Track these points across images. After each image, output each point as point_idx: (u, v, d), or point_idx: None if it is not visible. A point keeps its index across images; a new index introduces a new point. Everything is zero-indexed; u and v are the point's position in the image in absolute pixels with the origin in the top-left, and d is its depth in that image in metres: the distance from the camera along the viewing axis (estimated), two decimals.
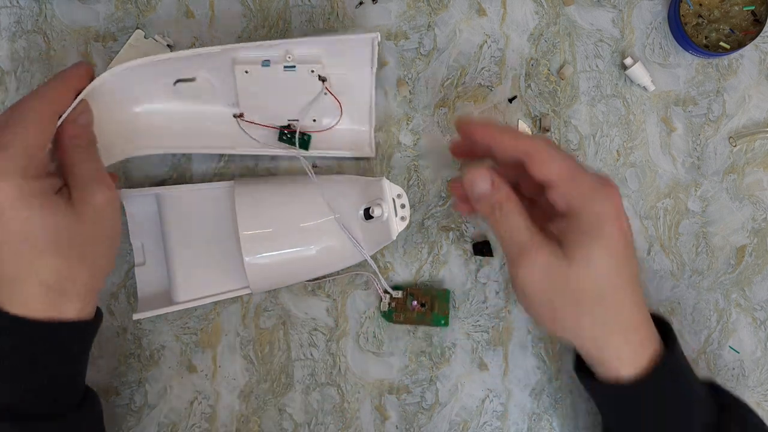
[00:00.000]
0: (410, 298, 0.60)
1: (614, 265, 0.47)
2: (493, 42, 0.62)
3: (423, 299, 0.60)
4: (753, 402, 0.62)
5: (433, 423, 0.61)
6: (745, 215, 0.62)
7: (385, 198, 0.55)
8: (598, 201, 0.47)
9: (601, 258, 0.46)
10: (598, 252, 0.46)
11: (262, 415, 0.61)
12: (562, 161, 0.47)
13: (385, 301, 0.60)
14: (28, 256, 0.45)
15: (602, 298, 0.47)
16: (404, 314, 0.60)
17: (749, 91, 0.62)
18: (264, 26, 0.61)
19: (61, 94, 0.49)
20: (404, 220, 0.56)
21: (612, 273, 0.47)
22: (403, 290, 0.60)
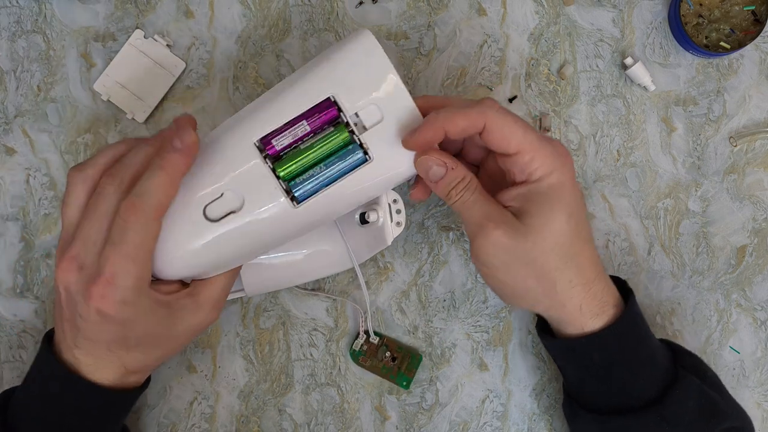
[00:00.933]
0: (384, 348, 0.60)
1: (574, 227, 0.48)
2: (494, 42, 0.62)
3: (396, 353, 0.60)
4: (753, 402, 0.62)
5: (433, 423, 0.61)
6: (745, 215, 0.62)
7: (380, 203, 0.55)
8: (557, 171, 0.48)
9: (561, 223, 0.48)
10: (559, 218, 0.48)
11: (262, 415, 0.61)
12: (519, 132, 0.47)
13: (360, 340, 0.60)
14: (122, 350, 0.49)
15: (565, 260, 0.49)
16: (371, 361, 0.60)
17: (749, 91, 0.62)
18: (264, 26, 0.61)
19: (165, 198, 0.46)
20: (399, 226, 0.56)
21: (573, 235, 0.48)
22: (381, 338, 0.60)
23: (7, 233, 0.61)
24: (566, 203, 0.48)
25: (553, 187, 0.48)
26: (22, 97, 0.61)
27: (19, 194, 0.61)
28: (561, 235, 0.48)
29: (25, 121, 0.61)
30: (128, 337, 0.48)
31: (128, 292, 0.46)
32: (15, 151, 0.61)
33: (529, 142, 0.47)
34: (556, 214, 0.48)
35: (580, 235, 0.49)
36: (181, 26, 0.61)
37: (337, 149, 0.49)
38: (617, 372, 0.51)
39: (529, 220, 0.48)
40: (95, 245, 0.46)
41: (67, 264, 0.46)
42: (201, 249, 0.49)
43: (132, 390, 0.52)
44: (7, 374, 0.60)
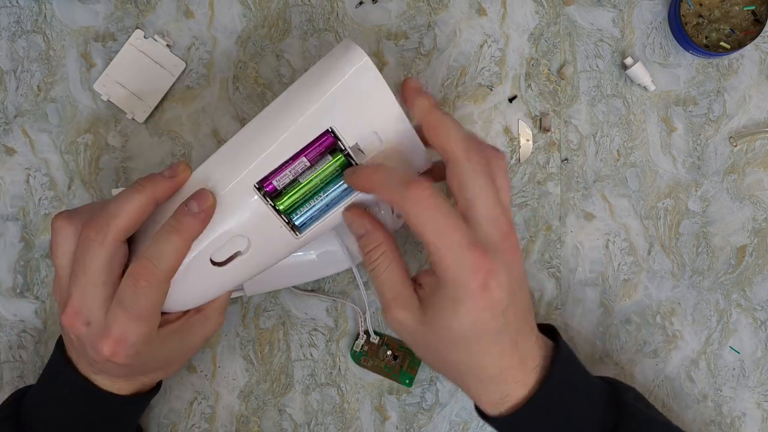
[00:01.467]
0: (385, 347, 0.60)
1: (476, 329, 0.45)
2: (494, 42, 0.62)
3: (397, 352, 0.60)
4: (753, 402, 0.62)
5: (433, 423, 0.61)
6: (745, 215, 0.62)
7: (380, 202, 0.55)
8: (462, 273, 0.43)
9: (460, 328, 0.45)
10: (456, 323, 0.44)
11: (262, 415, 0.61)
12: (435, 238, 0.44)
13: (360, 341, 0.60)
14: (140, 374, 0.52)
15: (466, 354, 0.46)
16: (373, 361, 0.60)
17: (749, 91, 0.62)
18: (264, 26, 0.61)
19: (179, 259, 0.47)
20: (400, 218, 0.56)
21: (474, 337, 0.45)
22: (381, 337, 0.60)
23: (7, 233, 0.60)
24: (468, 310, 0.44)
25: (451, 291, 0.44)
26: (22, 97, 0.61)
27: (19, 194, 0.61)
28: (458, 338, 0.45)
29: (25, 121, 0.61)
30: (145, 368, 0.51)
31: (138, 346, 0.47)
32: (15, 151, 0.61)
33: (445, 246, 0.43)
34: (454, 320, 0.44)
35: (482, 337, 0.45)
36: (181, 26, 0.61)
37: (335, 175, 0.48)
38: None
39: (431, 313, 0.45)
40: (97, 301, 0.47)
41: (72, 319, 0.47)
42: (208, 289, 0.51)
43: (147, 393, 0.54)
44: (7, 374, 0.60)
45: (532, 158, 0.62)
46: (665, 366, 0.62)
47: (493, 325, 0.45)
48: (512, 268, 0.45)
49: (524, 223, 0.62)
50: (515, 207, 0.62)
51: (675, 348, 0.62)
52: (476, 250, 0.43)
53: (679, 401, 0.62)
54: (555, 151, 0.62)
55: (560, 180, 0.62)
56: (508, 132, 0.62)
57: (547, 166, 0.62)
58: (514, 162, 0.62)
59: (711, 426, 0.62)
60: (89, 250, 0.46)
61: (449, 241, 0.43)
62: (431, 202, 0.43)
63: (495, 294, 0.44)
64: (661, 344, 0.62)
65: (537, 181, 0.62)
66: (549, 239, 0.62)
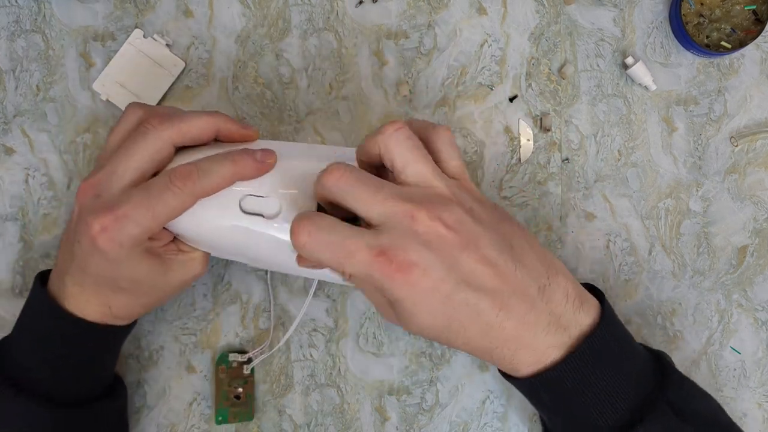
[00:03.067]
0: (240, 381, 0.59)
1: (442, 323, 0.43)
2: (494, 41, 0.62)
3: (242, 397, 0.59)
4: (754, 403, 0.61)
5: (434, 424, 0.61)
6: (746, 215, 0.62)
7: None
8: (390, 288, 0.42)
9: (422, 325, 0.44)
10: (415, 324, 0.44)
11: (262, 416, 0.60)
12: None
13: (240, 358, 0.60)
14: (108, 290, 0.49)
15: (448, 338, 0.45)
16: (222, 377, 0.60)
17: (751, 90, 0.62)
18: (263, 25, 0.61)
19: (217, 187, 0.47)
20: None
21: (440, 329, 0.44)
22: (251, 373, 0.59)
23: (6, 233, 0.60)
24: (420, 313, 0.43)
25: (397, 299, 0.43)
26: (21, 96, 0.61)
27: (18, 194, 0.60)
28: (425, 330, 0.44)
29: (24, 121, 0.61)
30: (116, 278, 0.48)
31: (129, 239, 0.45)
32: (14, 151, 0.61)
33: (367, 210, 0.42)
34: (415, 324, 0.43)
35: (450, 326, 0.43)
36: (181, 25, 0.61)
37: None
38: (566, 411, 0.47)
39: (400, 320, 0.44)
40: (121, 179, 0.46)
41: (86, 188, 0.47)
42: (215, 227, 0.49)
43: (117, 327, 0.51)
44: None
45: (533, 158, 0.62)
46: None
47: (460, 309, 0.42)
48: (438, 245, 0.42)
49: (525, 223, 0.61)
50: (516, 207, 0.61)
51: (676, 348, 0.62)
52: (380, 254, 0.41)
53: None
54: (556, 151, 0.62)
55: (561, 180, 0.62)
56: (509, 132, 0.62)
57: (548, 166, 0.62)
58: (515, 162, 0.62)
59: None
60: (144, 135, 0.46)
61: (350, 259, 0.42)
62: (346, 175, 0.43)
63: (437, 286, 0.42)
64: (662, 344, 0.62)
65: (538, 181, 0.62)
66: (550, 239, 0.61)
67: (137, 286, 0.49)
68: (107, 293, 0.49)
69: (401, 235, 0.41)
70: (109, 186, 0.46)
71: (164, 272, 0.49)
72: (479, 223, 0.44)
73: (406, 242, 0.41)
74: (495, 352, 0.45)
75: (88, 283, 0.48)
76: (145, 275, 0.48)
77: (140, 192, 0.45)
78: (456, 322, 0.43)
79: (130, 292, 0.49)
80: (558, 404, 0.47)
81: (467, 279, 0.42)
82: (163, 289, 0.51)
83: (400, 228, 0.42)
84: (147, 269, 0.48)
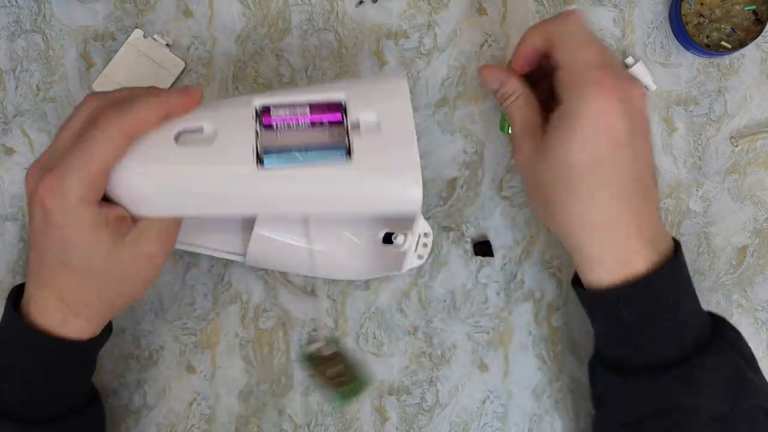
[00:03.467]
0: (330, 364, 0.59)
1: (586, 159, 0.46)
2: (494, 41, 0.62)
3: (344, 376, 0.59)
4: None
5: (434, 424, 0.61)
6: (746, 215, 0.62)
7: (413, 231, 0.55)
8: (584, 87, 0.46)
9: (567, 145, 0.46)
10: (566, 144, 0.46)
11: (262, 416, 0.60)
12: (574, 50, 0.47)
13: (317, 346, 0.59)
14: (60, 273, 0.47)
15: (571, 190, 0.47)
16: (317, 371, 0.59)
17: (751, 90, 0.62)
18: (263, 25, 0.61)
19: (145, 120, 0.46)
20: (420, 259, 0.56)
21: (578, 156, 0.46)
22: (338, 349, 0.59)
23: (6, 233, 0.60)
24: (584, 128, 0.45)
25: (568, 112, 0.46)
26: (21, 96, 0.61)
27: (18, 194, 0.60)
28: (572, 165, 0.46)
29: (24, 121, 0.61)
30: (67, 251, 0.46)
31: (73, 192, 0.44)
32: (14, 151, 0.61)
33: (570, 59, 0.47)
34: (568, 141, 0.46)
35: (596, 168, 0.46)
36: (181, 25, 0.61)
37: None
38: (644, 331, 0.49)
39: (549, 139, 0.47)
40: (62, 150, 0.45)
41: (33, 169, 0.46)
42: (158, 172, 0.47)
43: (80, 342, 0.49)
44: None
45: None
46: None
47: (608, 156, 0.46)
48: (637, 112, 0.47)
49: (525, 224, 0.61)
50: (516, 207, 0.61)
51: None
52: (604, 70, 0.46)
53: None
54: None
55: None
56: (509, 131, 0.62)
57: None
58: (515, 162, 0.61)
59: None
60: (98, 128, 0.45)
61: (582, 58, 0.47)
62: (576, 24, 0.48)
63: (613, 120, 0.45)
64: None
65: None
66: (550, 239, 0.61)
67: (89, 264, 0.46)
68: (60, 279, 0.47)
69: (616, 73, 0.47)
70: (51, 159, 0.45)
71: (115, 248, 0.46)
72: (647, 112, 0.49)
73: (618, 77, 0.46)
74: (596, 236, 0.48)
75: (43, 271, 0.47)
76: (95, 248, 0.46)
77: (74, 144, 0.45)
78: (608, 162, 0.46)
79: (83, 275, 0.47)
80: (642, 321, 0.48)
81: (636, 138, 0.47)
82: (117, 275, 0.48)
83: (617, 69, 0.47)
84: (97, 240, 0.45)
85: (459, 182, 0.61)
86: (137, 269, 0.48)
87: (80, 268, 0.47)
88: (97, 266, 0.47)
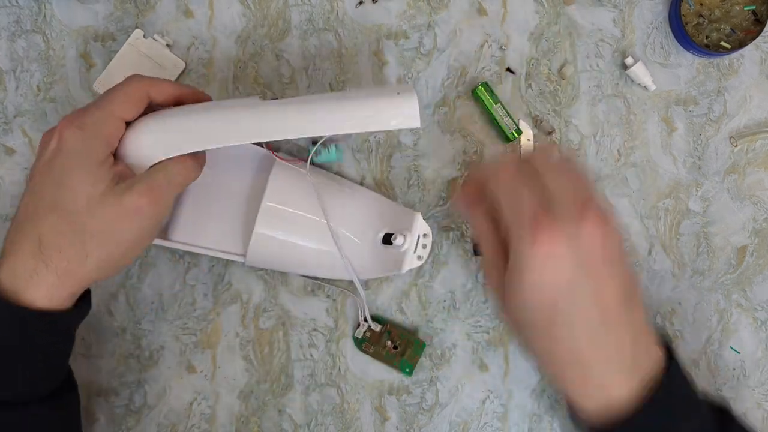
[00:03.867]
0: (387, 335, 0.60)
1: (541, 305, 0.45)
2: (494, 41, 0.62)
3: (398, 341, 0.60)
4: (754, 402, 0.62)
5: (434, 424, 0.61)
6: (746, 215, 0.62)
7: (412, 231, 0.55)
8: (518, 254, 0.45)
9: (524, 299, 0.45)
10: (519, 294, 0.45)
11: (262, 415, 0.61)
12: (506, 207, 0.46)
13: (362, 329, 0.60)
14: (46, 207, 0.47)
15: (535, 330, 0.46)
16: (374, 348, 0.60)
17: (750, 90, 0.62)
18: (264, 25, 0.61)
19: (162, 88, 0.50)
20: (420, 260, 0.56)
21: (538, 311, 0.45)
22: (383, 325, 0.60)
23: None
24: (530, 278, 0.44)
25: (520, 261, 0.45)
26: (21, 97, 0.61)
27: (18, 194, 0.60)
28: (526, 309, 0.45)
29: (24, 121, 0.61)
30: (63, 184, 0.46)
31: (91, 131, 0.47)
32: (14, 151, 0.61)
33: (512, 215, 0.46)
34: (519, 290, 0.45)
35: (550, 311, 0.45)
36: (181, 26, 0.61)
37: None
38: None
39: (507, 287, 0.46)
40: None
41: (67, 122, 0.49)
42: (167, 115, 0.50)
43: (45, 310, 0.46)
44: None
45: None
46: None
47: (563, 299, 0.44)
48: (590, 243, 0.44)
49: None
50: None
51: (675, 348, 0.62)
52: (537, 221, 0.44)
53: None
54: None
55: None
56: None
57: None
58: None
59: None
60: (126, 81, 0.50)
61: (514, 213, 0.45)
62: (506, 175, 0.47)
63: (558, 265, 0.44)
64: None
65: None
66: None
67: (76, 205, 0.46)
68: (44, 217, 0.46)
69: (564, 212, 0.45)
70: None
71: (104, 196, 0.46)
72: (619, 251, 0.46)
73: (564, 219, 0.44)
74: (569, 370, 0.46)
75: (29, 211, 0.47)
76: (90, 189, 0.46)
77: (98, 97, 0.49)
78: (564, 304, 0.44)
79: (67, 216, 0.46)
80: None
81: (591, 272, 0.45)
82: (100, 226, 0.46)
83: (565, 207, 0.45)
84: (94, 179, 0.46)
85: (459, 182, 0.61)
86: (120, 225, 0.47)
87: (67, 209, 0.46)
88: (83, 209, 0.46)
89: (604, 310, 0.45)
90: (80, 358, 0.60)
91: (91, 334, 0.60)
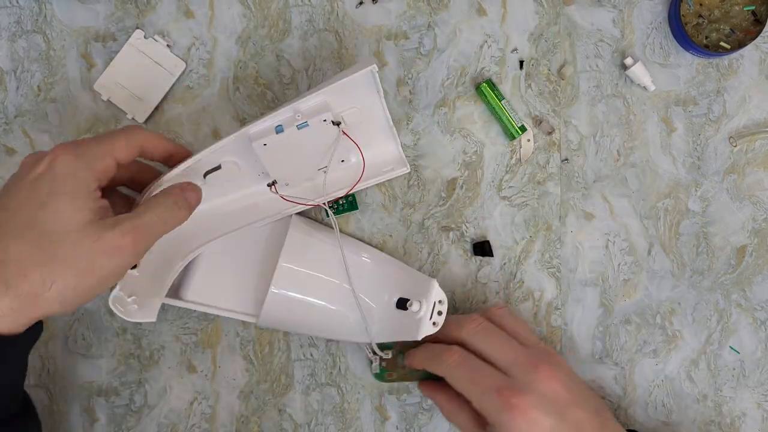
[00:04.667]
0: (401, 355, 0.59)
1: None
2: (494, 42, 0.62)
3: None
4: (753, 402, 0.62)
5: (433, 424, 0.61)
6: (745, 215, 0.62)
7: (428, 298, 0.55)
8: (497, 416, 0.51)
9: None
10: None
11: (262, 415, 0.61)
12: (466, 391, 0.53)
13: (376, 364, 0.59)
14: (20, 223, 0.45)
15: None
16: (396, 373, 0.59)
17: (749, 91, 0.62)
18: (264, 26, 0.61)
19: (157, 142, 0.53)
20: (435, 326, 0.55)
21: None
22: (393, 348, 0.59)
23: None
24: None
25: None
26: (22, 97, 0.61)
27: None
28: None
29: (25, 121, 0.61)
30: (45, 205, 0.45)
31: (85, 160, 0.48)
32: (15, 151, 0.61)
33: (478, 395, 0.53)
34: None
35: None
36: (181, 26, 0.61)
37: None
38: None
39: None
40: None
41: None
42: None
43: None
44: None
45: (533, 158, 0.62)
46: (665, 366, 0.62)
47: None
48: (555, 395, 0.51)
49: (524, 223, 0.62)
50: (515, 207, 0.62)
51: (675, 348, 0.62)
52: (502, 397, 0.51)
53: (679, 401, 0.62)
54: (555, 152, 0.62)
55: (560, 180, 0.62)
56: None
57: (547, 166, 0.62)
58: (515, 162, 0.62)
59: (711, 426, 0.62)
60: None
61: (480, 389, 0.52)
62: (459, 361, 0.54)
63: (536, 421, 0.50)
64: (661, 344, 0.62)
65: (537, 181, 0.62)
66: (549, 239, 0.62)
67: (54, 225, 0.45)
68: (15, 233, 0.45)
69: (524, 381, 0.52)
70: None
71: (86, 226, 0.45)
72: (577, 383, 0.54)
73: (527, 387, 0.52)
74: None
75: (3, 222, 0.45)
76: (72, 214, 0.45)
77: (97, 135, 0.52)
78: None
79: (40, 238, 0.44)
80: None
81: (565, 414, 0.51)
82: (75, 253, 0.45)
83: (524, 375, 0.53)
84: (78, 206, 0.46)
85: (459, 182, 0.62)
86: (97, 259, 0.45)
87: (45, 230, 0.45)
88: (61, 232, 0.45)
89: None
90: (80, 358, 0.60)
91: (91, 334, 0.60)
